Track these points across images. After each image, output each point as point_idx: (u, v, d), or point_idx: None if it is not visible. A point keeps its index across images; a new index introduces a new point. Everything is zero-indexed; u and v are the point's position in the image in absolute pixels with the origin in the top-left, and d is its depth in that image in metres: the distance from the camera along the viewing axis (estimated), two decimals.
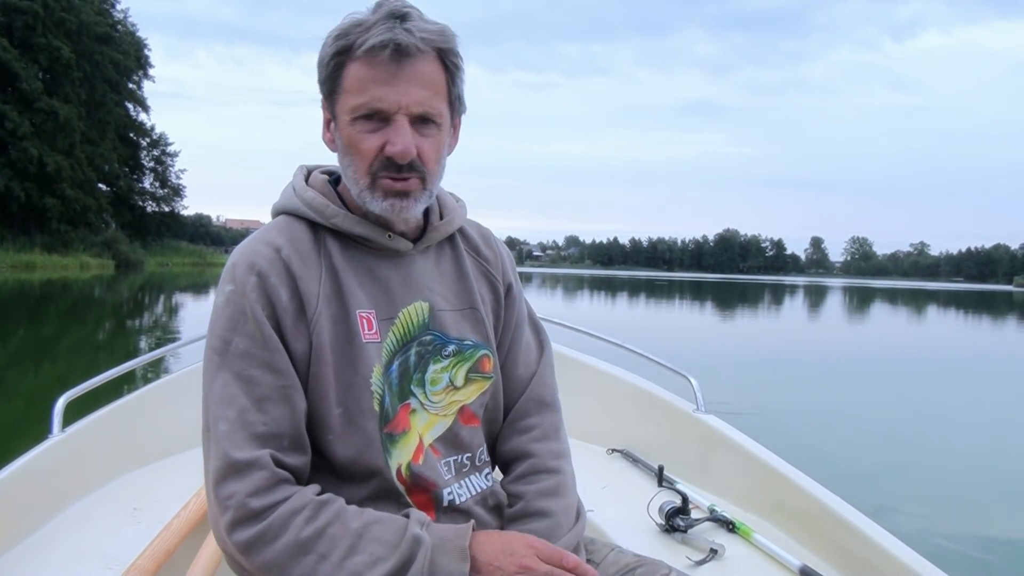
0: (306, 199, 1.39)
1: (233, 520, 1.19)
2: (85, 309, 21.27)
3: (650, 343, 12.66)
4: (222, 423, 1.23)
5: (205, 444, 1.26)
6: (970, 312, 38.90)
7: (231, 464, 1.20)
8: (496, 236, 1.62)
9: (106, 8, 56.46)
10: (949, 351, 18.56)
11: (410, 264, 1.42)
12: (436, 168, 1.35)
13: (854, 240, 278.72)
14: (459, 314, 1.46)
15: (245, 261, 1.31)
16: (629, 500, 2.38)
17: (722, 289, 63.87)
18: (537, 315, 1.67)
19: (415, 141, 1.29)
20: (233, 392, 1.24)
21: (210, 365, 1.28)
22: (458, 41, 1.33)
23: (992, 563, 4.54)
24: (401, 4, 1.29)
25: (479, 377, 1.45)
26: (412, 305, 1.39)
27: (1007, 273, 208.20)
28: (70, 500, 2.25)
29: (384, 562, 1.18)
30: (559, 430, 1.53)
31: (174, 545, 1.93)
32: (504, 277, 1.57)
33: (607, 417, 3.04)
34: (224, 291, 1.31)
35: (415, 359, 1.38)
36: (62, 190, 47.65)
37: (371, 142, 1.29)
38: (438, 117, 1.31)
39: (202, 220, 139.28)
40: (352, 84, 1.29)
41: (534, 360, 1.57)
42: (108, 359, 2.95)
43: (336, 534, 1.19)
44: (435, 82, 1.30)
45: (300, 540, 1.18)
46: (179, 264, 61.74)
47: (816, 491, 2.13)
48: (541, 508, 1.40)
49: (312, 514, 1.21)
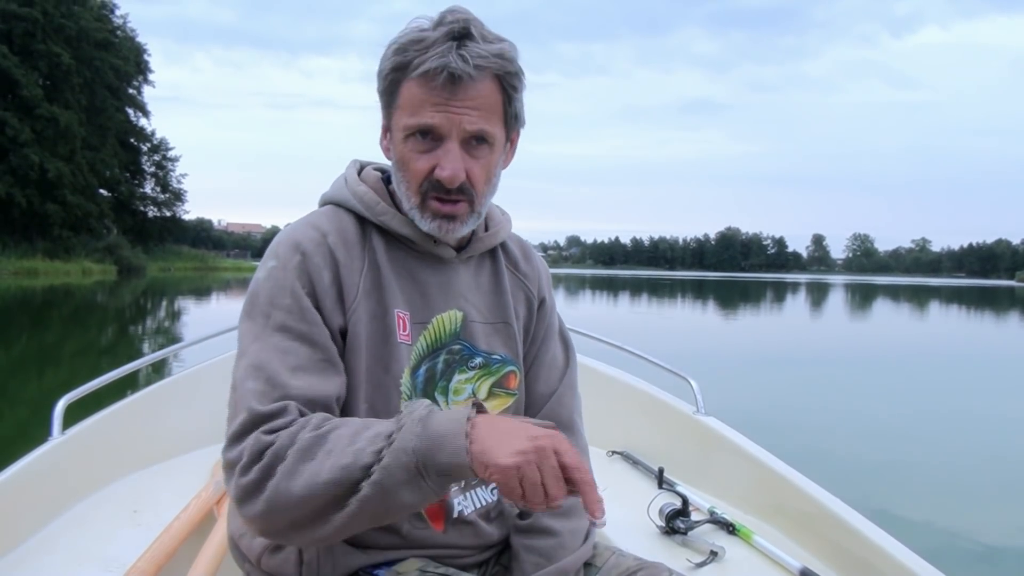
0: (357, 193, 1.39)
1: (249, 457, 1.13)
2: (87, 314, 21.26)
3: (651, 344, 12.68)
4: (251, 381, 1.20)
5: (230, 408, 1.22)
6: (972, 308, 38.83)
7: (254, 416, 1.16)
8: (535, 250, 1.61)
9: (105, 14, 56.39)
10: (951, 348, 18.51)
11: (450, 272, 1.42)
12: (486, 188, 1.34)
13: (856, 237, 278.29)
14: (491, 327, 1.45)
15: (290, 240, 1.32)
16: (629, 502, 2.38)
17: (724, 288, 63.82)
18: (568, 331, 1.64)
19: (465, 163, 1.28)
20: (266, 358, 1.22)
21: (246, 336, 1.27)
22: (519, 58, 1.31)
23: (993, 564, 4.53)
24: (463, 19, 1.25)
25: (503, 392, 1.45)
26: (447, 312, 1.39)
27: (1009, 268, 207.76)
28: (70, 502, 2.25)
29: (386, 430, 1.12)
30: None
31: (174, 547, 1.94)
32: (539, 292, 1.57)
33: (607, 419, 3.04)
34: (267, 266, 1.31)
35: (442, 367, 1.38)
36: (63, 196, 47.58)
37: (422, 163, 1.28)
38: (491, 138, 1.30)
39: (203, 224, 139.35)
40: (406, 102, 1.28)
41: (556, 378, 1.54)
42: (111, 364, 3.00)
43: (342, 433, 1.14)
44: (490, 105, 1.29)
45: (305, 442, 1.12)
46: (181, 269, 61.64)
47: (816, 493, 2.13)
48: (547, 527, 1.40)
49: (320, 422, 1.16)
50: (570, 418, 1.53)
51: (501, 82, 1.29)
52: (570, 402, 1.54)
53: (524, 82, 1.33)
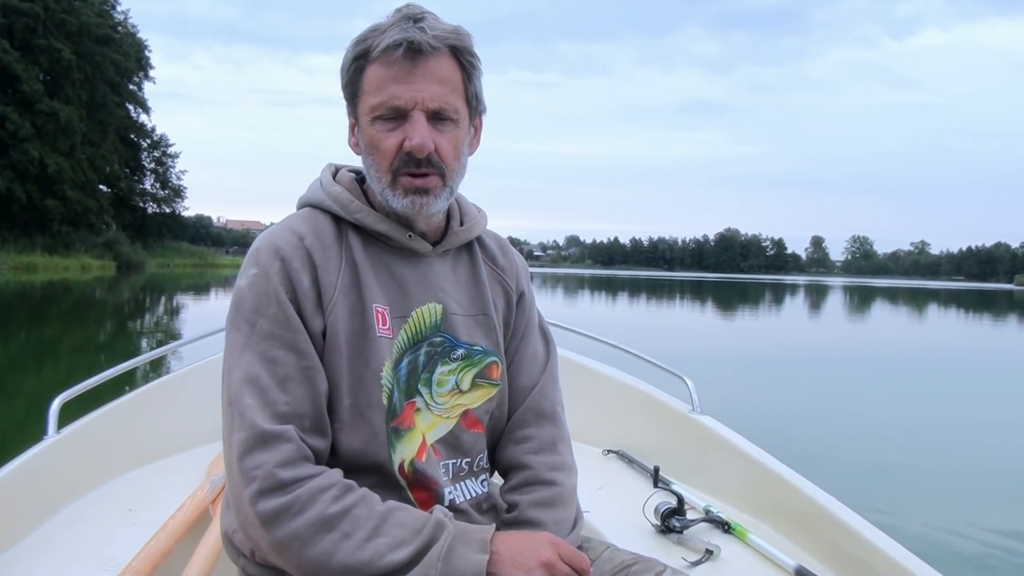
0: (332, 193, 1.42)
1: (260, 490, 1.19)
2: (86, 310, 21.28)
3: (648, 344, 12.68)
4: (248, 397, 1.25)
5: (228, 418, 1.27)
6: (971, 311, 38.86)
7: (259, 435, 1.22)
8: (512, 247, 1.65)
9: (106, 9, 56.34)
10: (948, 350, 18.54)
11: (427, 266, 1.45)
12: (456, 165, 1.39)
13: (855, 239, 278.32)
14: (471, 319, 1.48)
15: (269, 246, 1.35)
16: (625, 501, 2.38)
17: (722, 289, 63.86)
18: (548, 324, 1.68)
19: (433, 137, 1.32)
20: (256, 371, 1.26)
21: (234, 345, 1.30)
22: (473, 41, 1.37)
23: (988, 563, 4.54)
24: (417, 8, 1.34)
25: (486, 383, 1.47)
26: (426, 305, 1.42)
27: (1008, 272, 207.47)
28: (66, 501, 2.25)
29: (406, 545, 1.19)
30: (557, 443, 1.53)
31: (170, 546, 1.94)
32: (518, 285, 1.60)
33: (603, 418, 3.05)
34: (248, 274, 1.34)
35: (424, 359, 1.40)
36: (63, 191, 47.59)
37: (391, 140, 1.33)
38: (454, 113, 1.35)
39: (203, 221, 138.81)
40: (370, 85, 1.34)
41: (537, 370, 1.57)
42: (110, 360, 2.96)
43: (361, 515, 1.21)
44: (450, 79, 1.34)
45: (326, 516, 1.19)
46: (180, 265, 61.66)
47: (812, 492, 2.13)
48: (533, 518, 1.41)
49: (340, 494, 1.22)
50: (553, 409, 1.56)
51: (459, 58, 1.35)
52: (552, 394, 1.58)
53: (480, 68, 1.39)
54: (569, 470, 1.51)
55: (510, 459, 1.51)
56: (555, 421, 1.55)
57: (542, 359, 1.59)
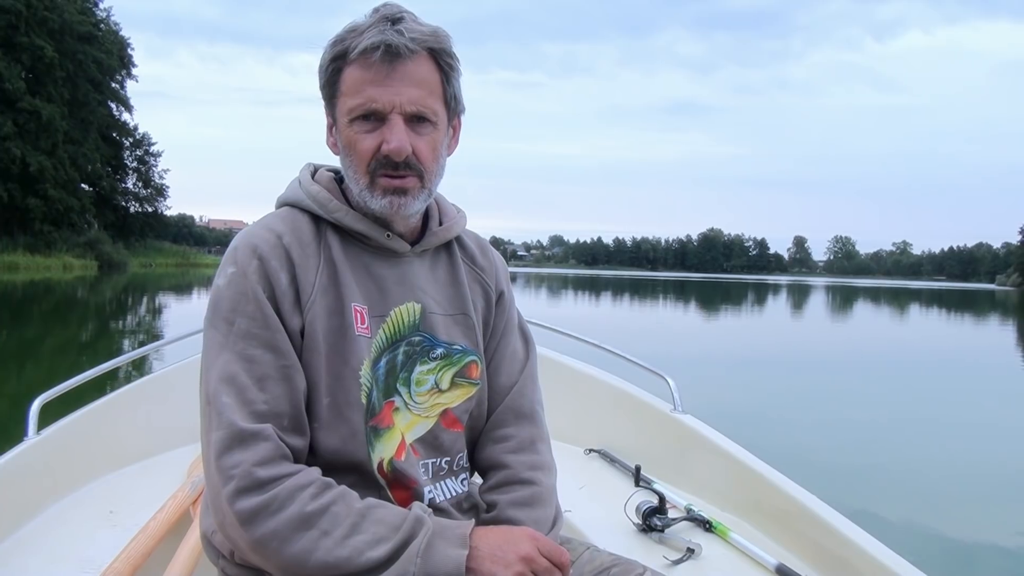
0: (310, 192, 1.42)
1: (237, 489, 1.19)
2: (68, 310, 21.15)
3: (631, 343, 12.70)
4: (225, 396, 1.25)
5: (206, 418, 1.28)
6: (952, 311, 39.13)
7: (236, 433, 1.22)
8: (492, 247, 1.65)
9: (89, 7, 55.99)
10: (929, 350, 18.66)
11: (406, 265, 1.45)
12: (434, 166, 1.39)
13: (837, 239, 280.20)
14: (450, 319, 1.48)
15: (247, 245, 1.35)
16: (606, 500, 2.39)
17: (705, 288, 64.08)
18: (527, 324, 1.68)
19: (411, 139, 1.32)
20: (234, 370, 1.26)
21: (212, 344, 1.30)
22: (452, 41, 1.37)
23: (968, 561, 4.58)
24: (395, 8, 1.33)
25: (465, 382, 1.47)
26: (404, 305, 1.42)
27: (989, 272, 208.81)
28: (45, 503, 2.24)
29: (385, 542, 1.19)
30: (536, 443, 1.53)
31: (150, 548, 1.93)
32: (497, 285, 1.60)
33: (584, 417, 3.05)
34: (226, 272, 1.34)
35: (403, 358, 1.40)
36: (45, 190, 47.28)
37: (368, 142, 1.33)
38: (433, 116, 1.35)
39: (185, 220, 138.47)
40: (348, 87, 1.33)
41: (517, 370, 1.57)
42: (91, 360, 2.94)
43: (340, 512, 1.21)
44: (428, 81, 1.34)
45: (304, 514, 1.19)
46: (162, 265, 61.36)
47: (792, 490, 2.14)
48: (511, 517, 1.41)
49: (318, 491, 1.22)
50: (532, 408, 1.56)
51: (437, 60, 1.35)
52: (531, 393, 1.58)
53: (459, 68, 1.39)
54: (548, 470, 1.51)
55: (489, 458, 1.51)
56: (534, 421, 1.55)
57: (521, 358, 1.60)
